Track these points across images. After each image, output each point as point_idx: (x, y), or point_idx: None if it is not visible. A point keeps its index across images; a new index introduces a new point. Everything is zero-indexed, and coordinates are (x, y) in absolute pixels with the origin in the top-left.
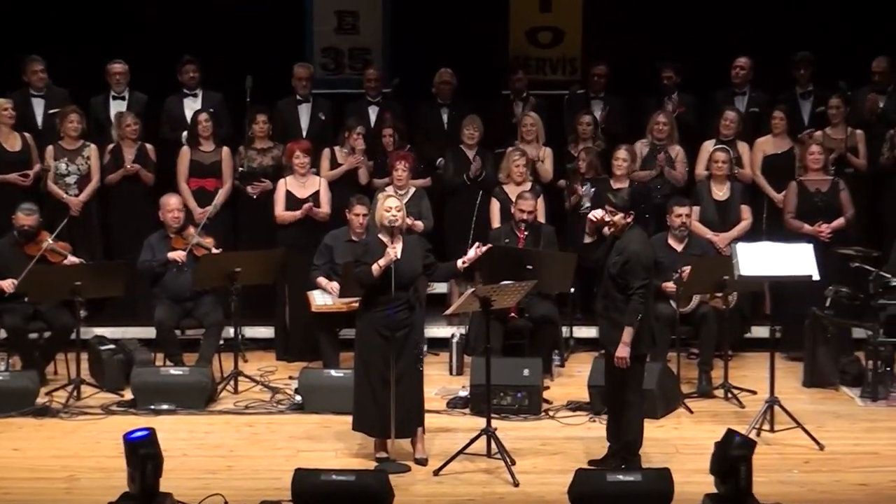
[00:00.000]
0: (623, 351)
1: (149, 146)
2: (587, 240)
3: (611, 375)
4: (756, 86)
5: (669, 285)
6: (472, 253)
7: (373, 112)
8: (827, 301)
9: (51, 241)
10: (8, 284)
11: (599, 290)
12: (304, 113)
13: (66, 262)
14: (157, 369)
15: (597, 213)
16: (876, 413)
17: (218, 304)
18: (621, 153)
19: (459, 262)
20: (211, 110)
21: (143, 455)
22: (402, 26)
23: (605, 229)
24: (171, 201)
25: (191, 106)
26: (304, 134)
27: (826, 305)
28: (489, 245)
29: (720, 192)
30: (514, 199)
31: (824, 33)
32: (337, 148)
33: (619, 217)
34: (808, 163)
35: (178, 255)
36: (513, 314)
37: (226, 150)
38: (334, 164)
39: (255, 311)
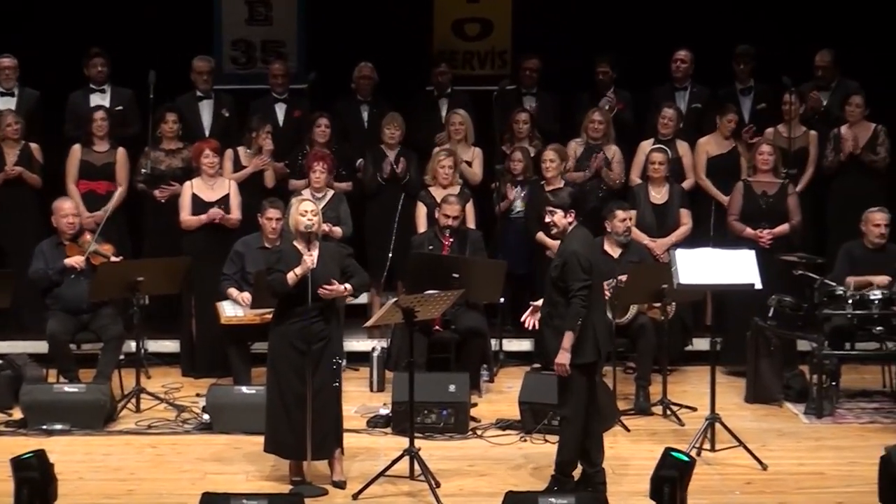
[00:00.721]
0: (563, 357)
1: (34, 146)
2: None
3: (559, 384)
4: (698, 80)
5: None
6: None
7: (280, 110)
8: (770, 311)
9: None
10: None
11: (545, 297)
12: (206, 110)
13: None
14: (50, 386)
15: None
16: (821, 430)
17: (117, 316)
18: (549, 154)
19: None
20: (120, 108)
21: (31, 479)
22: (318, 17)
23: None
24: (65, 206)
25: (98, 102)
26: (207, 133)
27: (769, 315)
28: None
29: (658, 194)
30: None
31: (767, 25)
32: (241, 148)
33: (559, 216)
34: (757, 163)
35: (75, 260)
36: (437, 326)
37: (121, 151)
38: (238, 166)
39: (158, 324)
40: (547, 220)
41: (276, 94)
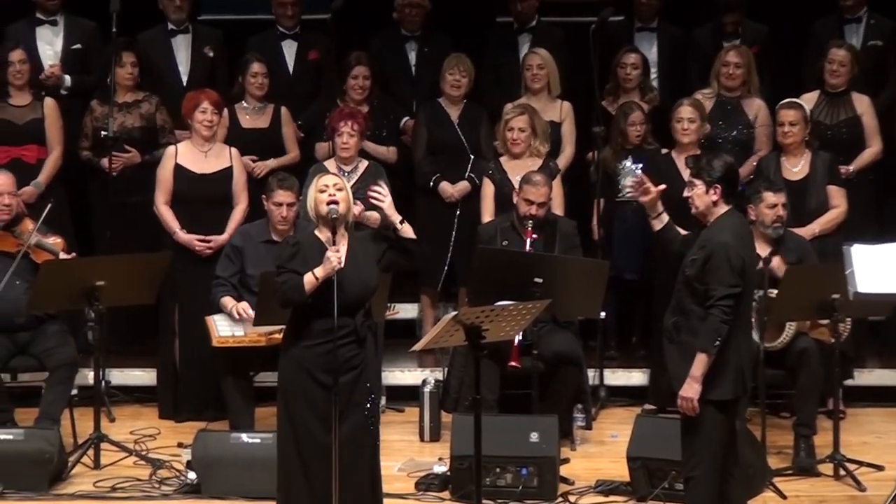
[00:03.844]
0: (690, 389)
1: None
2: (656, 225)
3: (684, 429)
4: (876, 8)
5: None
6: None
7: (289, 50)
8: None
9: None
10: None
11: (672, 302)
12: (182, 48)
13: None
14: None
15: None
16: None
17: (68, 334)
18: (685, 111)
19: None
20: (77, 46)
21: None
22: None
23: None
24: None
25: (47, 38)
26: (185, 80)
27: None
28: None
29: (794, 167)
30: (516, 182)
31: None
32: (242, 105)
33: (700, 191)
34: None
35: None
36: (514, 354)
37: (49, 102)
38: (235, 126)
39: (126, 346)
40: (686, 194)
41: (283, 28)
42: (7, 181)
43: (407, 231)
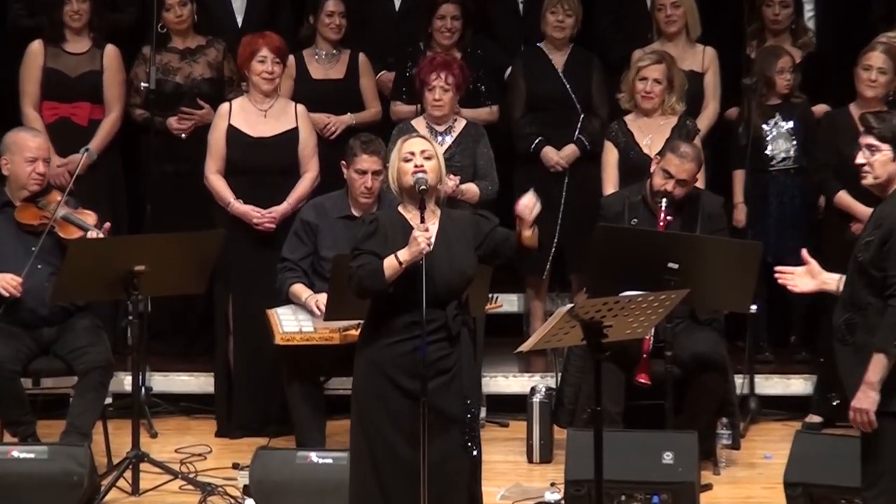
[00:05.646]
0: (865, 398)
1: None
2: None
3: (864, 448)
4: None
5: None
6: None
7: None
8: None
9: None
10: None
11: (843, 294)
12: None
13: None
14: None
15: None
16: None
17: (101, 331)
18: (877, 58)
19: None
20: None
21: None
22: None
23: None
24: (29, 141)
25: None
26: (240, 22)
27: None
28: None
29: None
30: (644, 146)
31: None
32: (310, 51)
33: (883, 157)
34: None
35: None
36: (642, 377)
37: (111, 50)
38: (304, 78)
39: (171, 346)
40: (859, 160)
41: None
42: (41, 145)
43: (531, 241)
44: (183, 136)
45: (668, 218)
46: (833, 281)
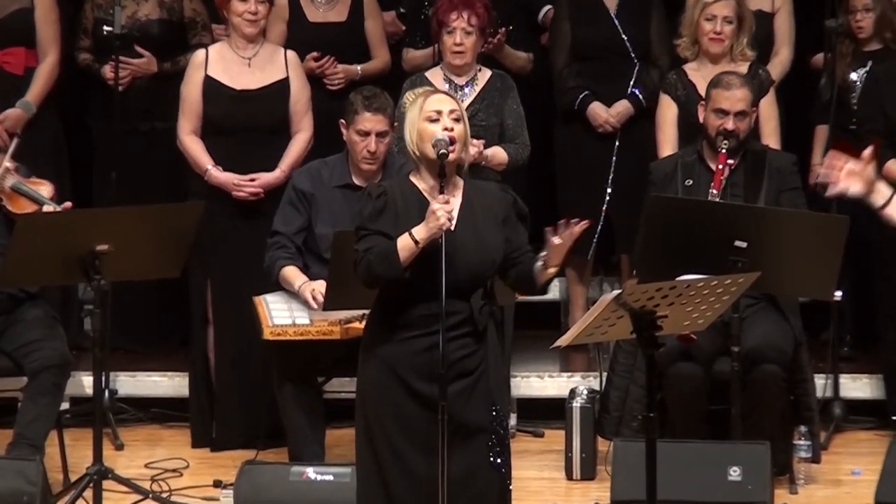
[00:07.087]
0: None
1: None
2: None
3: None
4: None
5: None
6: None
7: None
8: None
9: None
10: None
11: None
12: None
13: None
14: None
15: None
16: None
17: (55, 323)
18: None
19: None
20: None
21: None
22: None
23: None
24: None
25: None
26: None
27: None
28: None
29: None
30: (704, 92)
31: None
32: None
33: None
34: None
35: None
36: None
37: None
38: (298, 20)
39: (141, 341)
40: None
41: None
42: None
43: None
44: (119, 87)
45: (730, 162)
46: (886, 194)
